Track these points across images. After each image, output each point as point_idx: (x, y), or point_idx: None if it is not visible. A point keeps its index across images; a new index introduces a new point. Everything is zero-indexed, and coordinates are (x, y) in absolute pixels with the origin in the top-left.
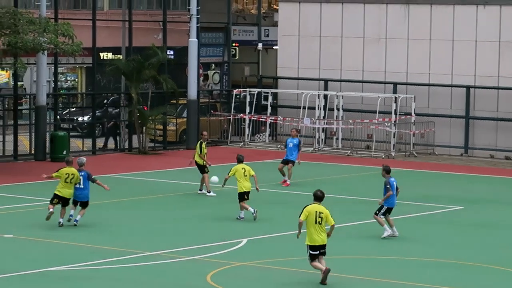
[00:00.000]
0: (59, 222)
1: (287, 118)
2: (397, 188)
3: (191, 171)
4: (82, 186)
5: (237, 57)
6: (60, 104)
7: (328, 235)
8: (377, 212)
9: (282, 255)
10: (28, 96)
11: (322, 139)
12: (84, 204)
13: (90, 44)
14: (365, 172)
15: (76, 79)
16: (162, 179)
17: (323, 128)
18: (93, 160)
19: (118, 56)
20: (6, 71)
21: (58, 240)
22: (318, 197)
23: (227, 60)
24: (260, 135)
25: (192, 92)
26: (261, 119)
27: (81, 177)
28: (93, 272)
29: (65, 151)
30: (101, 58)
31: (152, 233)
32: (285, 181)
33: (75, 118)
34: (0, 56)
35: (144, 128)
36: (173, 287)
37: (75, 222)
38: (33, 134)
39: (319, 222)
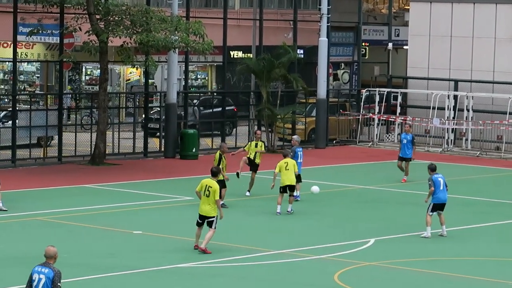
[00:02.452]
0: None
1: (417, 118)
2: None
3: (320, 170)
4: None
5: (367, 57)
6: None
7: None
8: (427, 210)
9: (409, 256)
10: (158, 94)
11: (451, 140)
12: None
13: (220, 43)
14: (494, 173)
15: (206, 78)
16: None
17: (452, 129)
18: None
19: (249, 54)
20: (137, 69)
21: (186, 237)
22: (213, 173)
23: (357, 60)
24: (389, 135)
25: (322, 91)
26: (390, 119)
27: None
28: (220, 269)
29: (194, 149)
30: (232, 56)
31: (278, 231)
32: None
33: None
34: (131, 54)
35: (273, 126)
36: (300, 286)
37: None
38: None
39: (206, 194)
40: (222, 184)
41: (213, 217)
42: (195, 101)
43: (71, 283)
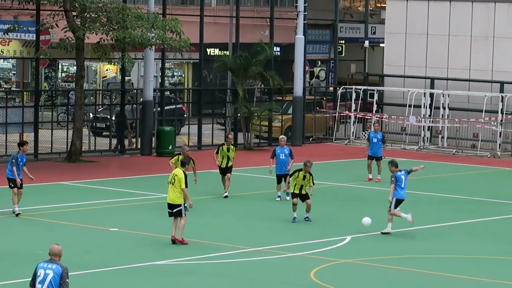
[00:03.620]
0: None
1: (393, 116)
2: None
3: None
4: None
5: (343, 55)
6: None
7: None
8: (389, 207)
9: (386, 253)
10: (135, 91)
11: (427, 138)
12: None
13: (197, 40)
14: (470, 171)
15: (183, 75)
16: (266, 175)
17: (428, 127)
18: (199, 156)
19: (225, 52)
20: (114, 66)
21: (162, 235)
22: (181, 163)
23: (333, 57)
24: (366, 133)
25: (298, 89)
26: (366, 117)
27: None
28: (196, 266)
29: (170, 146)
30: (208, 54)
31: (254, 229)
32: (370, 178)
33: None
34: (108, 51)
35: (249, 124)
36: (276, 283)
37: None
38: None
39: (172, 182)
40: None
41: (179, 205)
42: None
43: None
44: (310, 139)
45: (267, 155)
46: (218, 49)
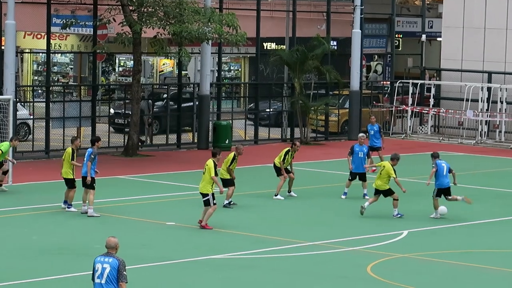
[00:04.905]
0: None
1: (450, 110)
2: (450, 171)
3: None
4: None
5: (400, 49)
6: (224, 94)
7: None
8: (433, 195)
9: (443, 248)
10: (192, 85)
11: (484, 132)
12: None
13: (254, 34)
14: None
15: (240, 69)
16: (322, 169)
17: (486, 121)
18: (255, 150)
19: (282, 46)
20: (171, 60)
21: (219, 229)
22: (212, 154)
23: (390, 52)
24: (423, 127)
25: (355, 83)
26: (423, 111)
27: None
28: (253, 261)
29: (227, 140)
30: (265, 48)
31: (311, 223)
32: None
33: None
34: (165, 45)
35: (306, 118)
36: (333, 278)
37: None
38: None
39: (203, 172)
40: (231, 182)
41: (207, 194)
42: (164, 95)
43: None
44: (367, 134)
45: (323, 150)
46: (274, 43)
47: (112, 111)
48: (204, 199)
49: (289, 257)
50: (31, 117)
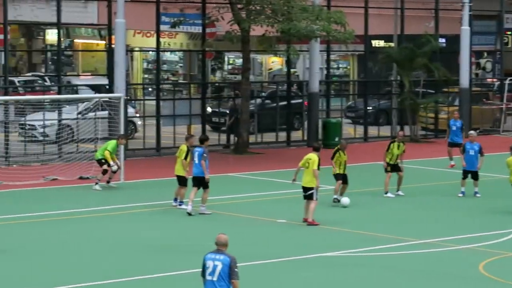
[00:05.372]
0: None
1: None
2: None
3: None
4: None
5: (509, 46)
6: (332, 91)
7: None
8: None
9: None
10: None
11: None
12: None
13: (362, 32)
14: None
15: (348, 67)
16: (432, 167)
17: None
18: (364, 147)
19: (390, 44)
20: (280, 58)
21: (331, 226)
22: (314, 148)
23: (499, 49)
24: None
25: (464, 80)
26: None
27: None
28: (366, 259)
29: (337, 138)
30: (373, 45)
31: (421, 221)
32: (452, 165)
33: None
34: (273, 43)
35: (416, 116)
36: (445, 276)
37: None
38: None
39: (306, 166)
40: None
41: (311, 188)
42: (262, 93)
43: None
44: (477, 131)
45: (433, 147)
46: (383, 40)
47: (209, 109)
48: (308, 192)
49: (400, 255)
50: (137, 115)
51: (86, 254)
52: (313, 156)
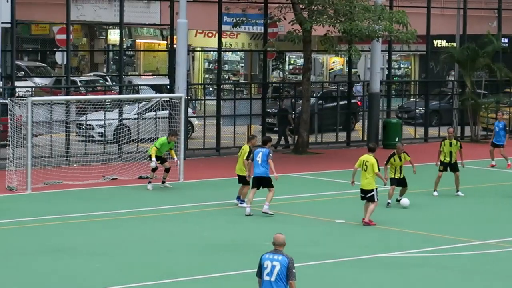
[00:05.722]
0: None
1: None
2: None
3: None
4: None
5: None
6: (393, 91)
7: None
8: None
9: None
10: (362, 83)
11: None
12: None
13: (424, 32)
14: None
15: (410, 67)
16: (496, 168)
17: None
18: (424, 148)
19: (452, 43)
20: (341, 58)
21: (389, 227)
22: (369, 149)
23: None
24: None
25: None
26: None
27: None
28: (422, 259)
29: (397, 138)
30: (435, 45)
31: (481, 221)
32: (493, 165)
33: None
34: (335, 43)
35: (477, 116)
36: (504, 277)
37: None
38: (366, 120)
39: (364, 169)
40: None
41: (372, 190)
42: (315, 94)
43: None
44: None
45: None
46: (445, 40)
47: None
48: (368, 195)
49: (459, 255)
50: (195, 115)
51: (144, 254)
52: (370, 159)
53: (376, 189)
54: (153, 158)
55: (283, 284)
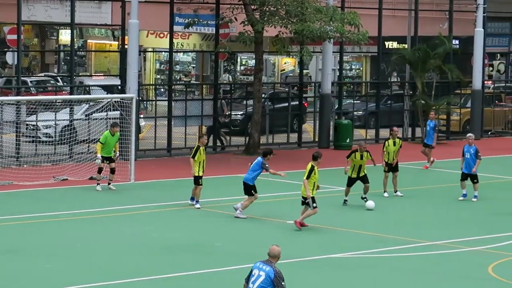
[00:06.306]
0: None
1: None
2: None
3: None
4: None
5: None
6: (344, 92)
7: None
8: None
9: None
10: (313, 84)
11: None
12: None
13: (375, 33)
14: None
15: (361, 68)
16: (444, 168)
17: None
18: (375, 149)
19: (403, 45)
20: (292, 59)
21: (342, 228)
22: (313, 157)
23: None
24: None
25: (477, 82)
26: None
27: None
28: (373, 260)
29: (348, 139)
30: (387, 47)
31: (430, 223)
32: (427, 166)
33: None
34: (287, 44)
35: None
36: (454, 278)
37: None
38: (317, 122)
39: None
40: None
41: (306, 198)
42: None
43: (226, 271)
44: (489, 133)
45: (445, 149)
46: (396, 42)
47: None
48: (306, 201)
49: (408, 256)
50: (142, 116)
51: (94, 255)
52: (308, 165)
53: (312, 197)
54: (99, 155)
55: None
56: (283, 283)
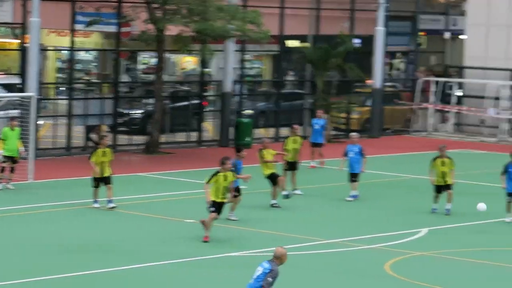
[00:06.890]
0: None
1: (472, 108)
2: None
3: (374, 160)
4: None
5: (423, 46)
6: (246, 91)
7: None
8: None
9: (462, 246)
10: (214, 83)
11: (506, 130)
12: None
13: (277, 32)
14: None
15: (262, 67)
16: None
17: (508, 119)
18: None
19: (305, 44)
20: (194, 57)
21: (238, 226)
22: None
23: (413, 49)
24: (444, 125)
25: (377, 80)
26: (445, 109)
27: None
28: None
29: (248, 138)
30: (288, 46)
31: (327, 221)
32: (313, 166)
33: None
34: (188, 43)
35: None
36: (351, 275)
37: None
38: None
39: None
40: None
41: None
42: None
43: (124, 270)
44: (386, 131)
45: (344, 147)
46: (298, 41)
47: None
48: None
49: (307, 254)
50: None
51: None
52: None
53: (213, 201)
54: (0, 151)
55: (254, 285)
56: (269, 279)
